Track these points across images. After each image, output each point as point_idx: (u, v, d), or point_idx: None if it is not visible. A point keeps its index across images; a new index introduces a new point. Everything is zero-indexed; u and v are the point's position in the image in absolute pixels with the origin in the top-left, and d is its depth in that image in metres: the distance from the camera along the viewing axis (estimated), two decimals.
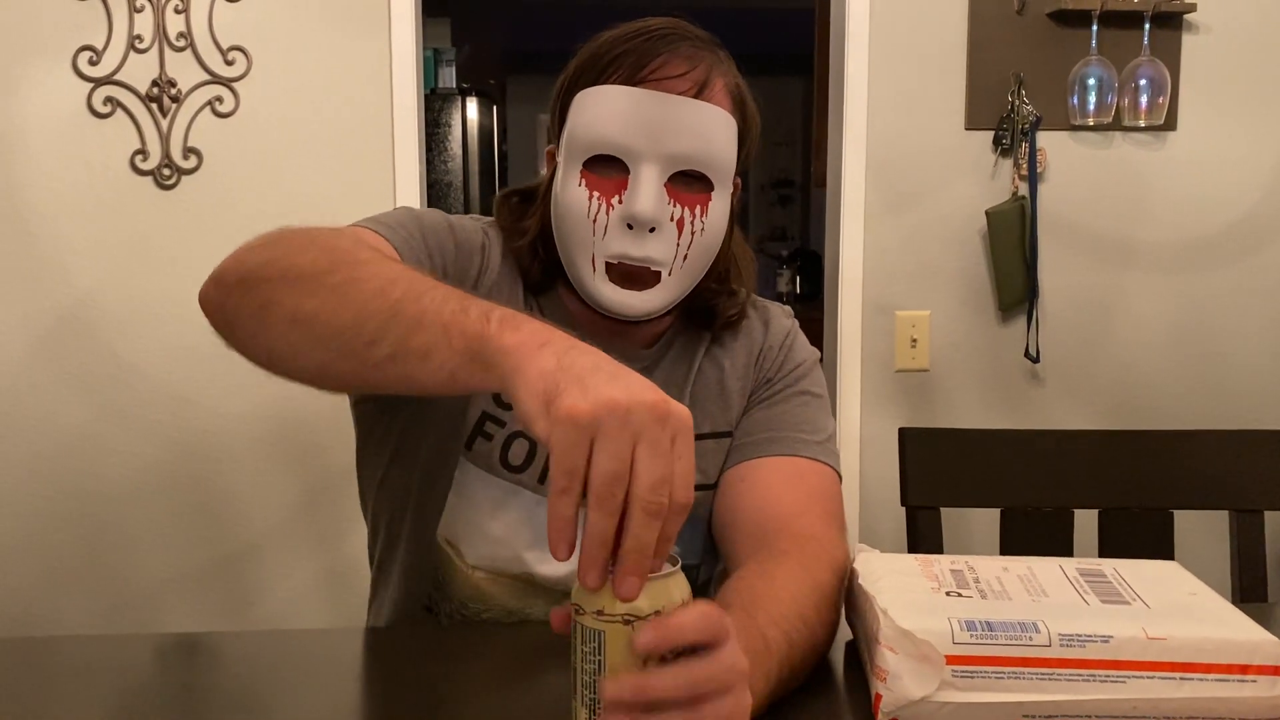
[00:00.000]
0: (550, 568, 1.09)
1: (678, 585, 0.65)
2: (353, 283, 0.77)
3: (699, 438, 1.12)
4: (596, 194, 1.00)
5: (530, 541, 1.09)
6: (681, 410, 0.63)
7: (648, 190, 0.99)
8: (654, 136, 0.99)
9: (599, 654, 0.63)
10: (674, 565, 0.65)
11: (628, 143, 0.99)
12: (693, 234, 1.02)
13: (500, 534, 1.09)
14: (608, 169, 1.01)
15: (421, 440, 1.09)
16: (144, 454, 2.29)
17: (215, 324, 0.87)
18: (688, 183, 1.02)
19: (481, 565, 1.10)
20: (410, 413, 1.09)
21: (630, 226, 1.00)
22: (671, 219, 1.01)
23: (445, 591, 1.12)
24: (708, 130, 1.01)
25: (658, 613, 0.63)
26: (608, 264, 1.01)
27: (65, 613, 2.30)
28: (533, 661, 0.97)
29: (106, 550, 2.30)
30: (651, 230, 1.00)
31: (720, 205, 1.04)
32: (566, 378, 0.63)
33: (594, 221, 1.01)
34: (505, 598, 1.11)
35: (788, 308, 1.23)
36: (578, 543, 0.63)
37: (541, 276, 1.11)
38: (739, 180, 1.10)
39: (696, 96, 1.01)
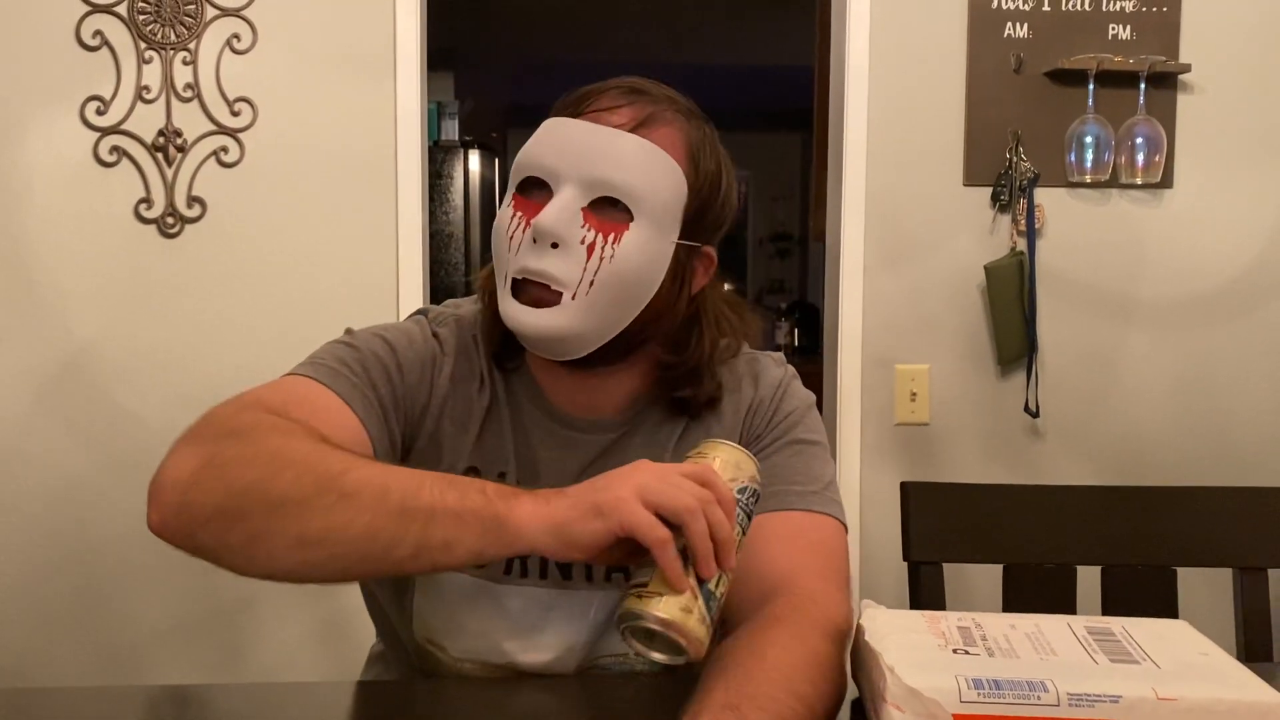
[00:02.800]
0: (532, 657, 1.08)
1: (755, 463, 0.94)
2: (348, 497, 0.83)
3: None
4: (519, 214, 1.02)
5: (508, 632, 1.07)
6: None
7: (556, 206, 0.99)
8: (575, 160, 1.00)
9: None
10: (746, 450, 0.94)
11: (552, 164, 1.01)
12: (601, 259, 0.99)
13: (478, 628, 1.07)
14: (536, 193, 1.02)
15: None
16: (141, 503, 2.26)
17: (189, 551, 0.90)
18: (608, 210, 1.00)
19: (467, 657, 1.09)
20: None
21: (535, 241, 1.00)
22: (581, 241, 0.99)
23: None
24: (632, 161, 1.00)
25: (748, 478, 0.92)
26: (514, 281, 1.01)
27: (59, 663, 2.28)
28: (533, 717, 0.96)
29: (101, 600, 2.28)
30: (554, 246, 0.99)
31: (639, 239, 1.00)
32: (591, 495, 0.83)
33: (510, 238, 1.02)
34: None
35: (779, 354, 1.20)
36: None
37: (506, 332, 1.06)
38: (711, 251, 1.08)
39: (633, 131, 1.01)
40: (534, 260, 0.99)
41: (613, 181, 1.00)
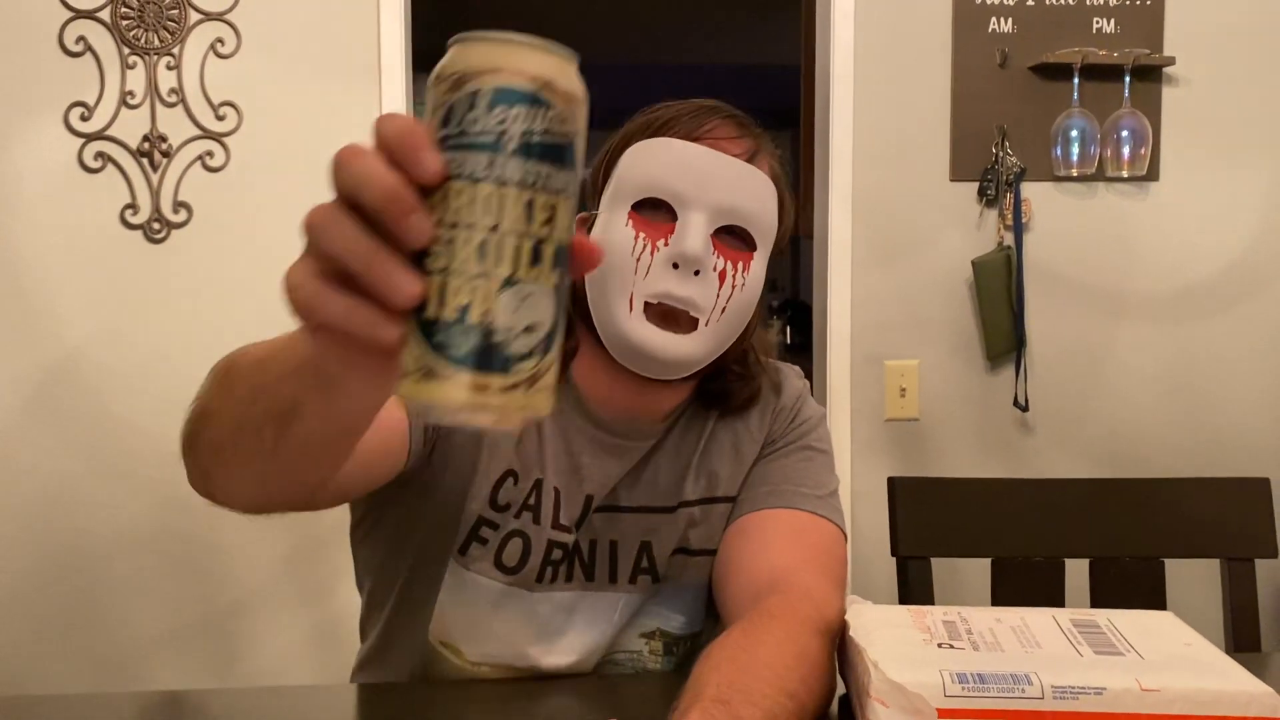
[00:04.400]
0: (554, 660, 1.08)
1: (489, 52, 0.51)
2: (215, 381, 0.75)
3: (713, 501, 1.13)
4: (643, 235, 1.00)
5: (533, 636, 1.08)
6: None
7: (696, 231, 0.98)
8: (705, 186, 0.99)
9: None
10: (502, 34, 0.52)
11: (679, 188, 0.99)
12: (733, 288, 1.01)
13: (502, 632, 1.07)
14: (655, 214, 1.01)
15: (410, 539, 1.08)
16: (133, 508, 2.27)
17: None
18: (732, 239, 1.02)
19: (485, 661, 1.09)
20: (402, 511, 1.07)
21: (676, 266, 0.99)
22: (714, 269, 1.00)
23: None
24: (755, 191, 1.02)
25: (454, 79, 0.50)
26: (647, 304, 1.00)
27: (52, 670, 2.27)
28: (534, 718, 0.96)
29: (94, 606, 2.28)
30: (696, 274, 0.99)
31: (759, 269, 1.04)
32: None
33: (638, 260, 0.99)
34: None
35: (798, 368, 1.23)
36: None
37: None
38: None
39: (747, 162, 1.02)
40: (677, 286, 0.99)
41: (743, 211, 1.01)
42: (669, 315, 1.00)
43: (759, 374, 1.14)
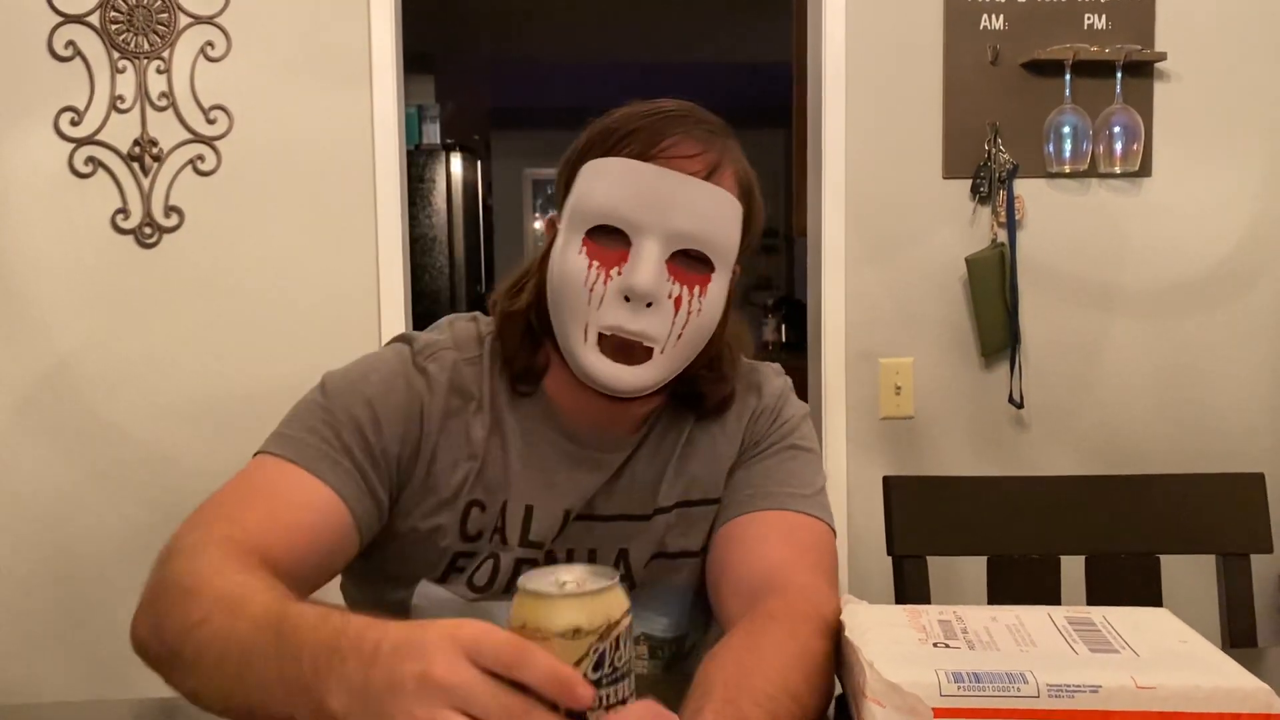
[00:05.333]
0: None
1: (615, 600, 0.68)
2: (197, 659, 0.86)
3: (689, 504, 1.12)
4: (596, 263, 0.99)
5: None
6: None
7: (648, 264, 0.97)
8: (659, 212, 0.98)
9: None
10: (610, 579, 0.68)
11: (632, 216, 0.98)
12: (689, 313, 1.00)
13: None
14: (610, 240, 0.99)
15: (380, 578, 1.10)
16: (125, 514, 2.26)
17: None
18: (688, 262, 1.00)
19: None
20: (391, 551, 1.08)
21: (627, 299, 0.98)
22: (669, 296, 0.99)
23: None
24: (713, 212, 1.00)
25: (601, 631, 0.66)
26: (600, 335, 0.99)
27: (45, 677, 2.26)
28: None
29: (89, 612, 2.27)
30: (648, 305, 0.98)
31: (718, 288, 1.03)
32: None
33: (590, 290, 0.98)
34: None
35: (778, 365, 1.22)
36: None
37: (530, 359, 1.08)
38: (738, 267, 1.09)
39: (706, 178, 1.00)
40: (629, 320, 0.98)
41: (698, 236, 1.00)
42: (623, 348, 0.99)
43: (732, 375, 1.13)
